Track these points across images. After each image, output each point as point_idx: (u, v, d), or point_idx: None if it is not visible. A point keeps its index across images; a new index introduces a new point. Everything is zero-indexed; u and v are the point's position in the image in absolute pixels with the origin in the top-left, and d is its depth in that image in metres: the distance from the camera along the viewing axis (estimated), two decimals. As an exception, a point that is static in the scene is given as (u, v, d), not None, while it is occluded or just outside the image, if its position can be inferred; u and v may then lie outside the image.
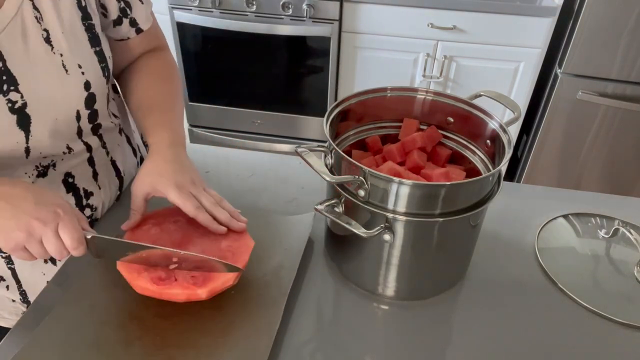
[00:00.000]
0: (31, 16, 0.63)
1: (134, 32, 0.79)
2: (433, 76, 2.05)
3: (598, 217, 0.86)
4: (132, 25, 0.78)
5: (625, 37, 1.76)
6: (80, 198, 0.77)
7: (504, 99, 0.77)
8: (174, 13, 2.05)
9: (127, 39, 0.80)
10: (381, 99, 0.77)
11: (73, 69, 0.68)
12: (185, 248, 0.67)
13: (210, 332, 0.63)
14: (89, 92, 0.71)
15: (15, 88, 0.62)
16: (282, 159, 1.00)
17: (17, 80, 0.62)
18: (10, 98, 0.62)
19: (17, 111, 0.63)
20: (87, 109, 0.72)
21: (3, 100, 0.62)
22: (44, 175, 0.71)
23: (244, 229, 0.69)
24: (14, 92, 0.62)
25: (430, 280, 0.72)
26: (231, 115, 2.33)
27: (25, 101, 0.64)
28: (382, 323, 0.70)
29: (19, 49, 0.62)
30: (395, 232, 0.63)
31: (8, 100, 0.62)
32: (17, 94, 0.63)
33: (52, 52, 0.65)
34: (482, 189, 0.64)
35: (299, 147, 0.65)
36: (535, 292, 0.74)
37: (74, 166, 0.75)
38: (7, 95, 0.62)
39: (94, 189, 0.79)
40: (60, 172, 0.73)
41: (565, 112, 1.97)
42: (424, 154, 0.74)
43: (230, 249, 0.67)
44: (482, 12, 1.86)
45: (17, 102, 0.63)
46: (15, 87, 0.62)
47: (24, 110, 0.64)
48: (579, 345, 0.66)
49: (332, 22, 1.96)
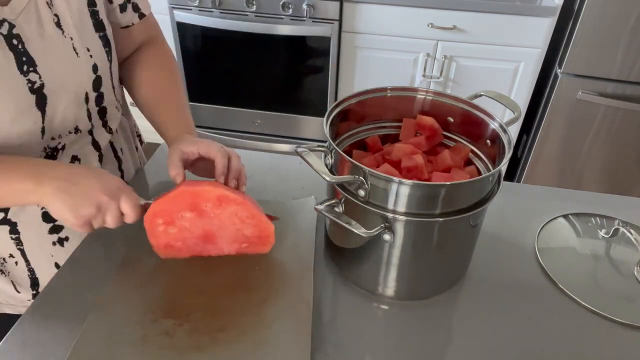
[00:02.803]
0: (43, 1, 0.66)
1: (137, 18, 0.83)
2: (433, 76, 2.05)
3: (598, 217, 0.86)
4: (135, 11, 0.82)
5: (625, 37, 1.76)
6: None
7: (504, 99, 0.78)
8: (174, 13, 2.05)
9: (131, 25, 0.83)
10: (381, 99, 0.77)
11: (82, 52, 0.71)
12: (212, 241, 0.72)
13: (247, 311, 0.67)
14: (96, 75, 0.74)
15: (34, 69, 0.65)
16: (282, 159, 1.00)
17: (35, 61, 0.65)
18: (30, 78, 0.65)
19: (36, 91, 0.66)
20: (95, 92, 0.75)
21: (24, 81, 0.64)
22: (53, 158, 0.73)
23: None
24: (33, 72, 0.65)
25: (430, 280, 0.72)
26: (231, 115, 2.33)
27: (43, 82, 0.66)
28: (382, 323, 0.70)
29: (34, 33, 0.65)
30: (395, 232, 0.63)
31: (28, 81, 0.65)
32: (36, 75, 0.65)
33: (64, 36, 0.68)
34: (482, 189, 0.64)
35: (299, 147, 0.65)
36: (535, 292, 0.73)
37: (80, 150, 0.77)
38: (27, 76, 0.64)
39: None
40: (68, 155, 0.76)
41: (565, 112, 1.96)
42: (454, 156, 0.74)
43: (255, 234, 0.72)
44: (482, 12, 1.86)
45: (36, 82, 0.66)
46: (34, 68, 0.65)
47: (41, 90, 0.66)
48: (579, 345, 0.66)
49: (332, 22, 1.96)
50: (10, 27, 0.62)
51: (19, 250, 0.78)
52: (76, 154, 0.77)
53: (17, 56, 0.63)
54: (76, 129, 0.74)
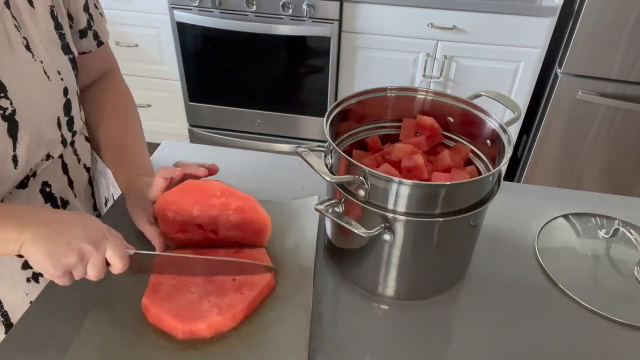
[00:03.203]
0: (11, 24, 0.63)
1: (95, 45, 0.81)
2: (433, 76, 2.05)
3: (598, 217, 0.86)
4: (95, 38, 0.80)
5: (625, 37, 1.76)
6: (57, 207, 0.77)
7: (504, 99, 0.77)
8: (174, 13, 2.05)
9: (88, 52, 0.81)
10: (381, 99, 0.77)
11: (53, 75, 0.68)
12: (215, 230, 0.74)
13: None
14: (66, 98, 0.72)
15: (4, 95, 0.62)
16: (282, 159, 1.00)
17: (6, 87, 0.62)
18: (1, 105, 0.61)
19: (7, 118, 0.63)
20: (66, 116, 0.72)
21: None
22: (24, 187, 0.70)
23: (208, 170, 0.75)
24: (4, 98, 0.62)
25: (430, 280, 0.72)
26: (231, 115, 2.33)
27: (15, 108, 0.63)
28: (382, 323, 0.70)
29: (5, 56, 0.62)
30: (395, 232, 0.63)
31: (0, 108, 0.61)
32: (7, 101, 0.62)
33: (34, 59, 0.66)
34: (482, 189, 0.64)
35: (299, 147, 0.65)
36: (535, 292, 0.74)
37: (50, 175, 0.74)
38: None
39: (69, 197, 0.79)
40: (38, 182, 0.73)
41: (565, 112, 1.97)
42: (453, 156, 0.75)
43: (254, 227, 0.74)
44: (482, 12, 1.86)
45: (7, 108, 0.62)
46: (4, 94, 0.62)
47: (13, 117, 0.63)
48: (579, 345, 0.66)
49: (332, 22, 1.96)
50: None
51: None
52: (47, 179, 0.74)
53: None
54: (48, 155, 0.71)
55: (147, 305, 0.65)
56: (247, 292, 0.66)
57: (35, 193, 0.73)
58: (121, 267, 0.60)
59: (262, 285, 0.67)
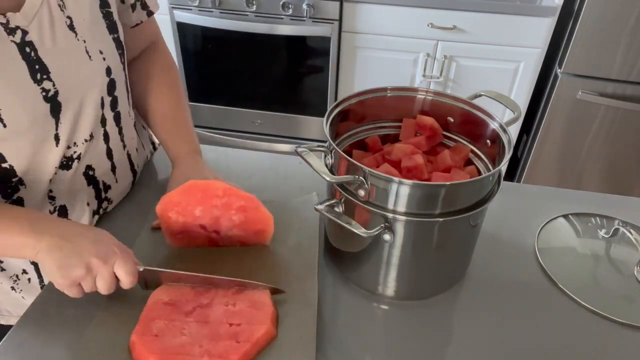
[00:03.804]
0: (56, 4, 0.64)
1: (145, 16, 0.82)
2: (433, 76, 2.05)
3: (598, 217, 0.86)
4: (143, 9, 0.81)
5: (625, 37, 1.76)
6: (99, 191, 0.79)
7: (504, 99, 0.77)
8: (174, 13, 2.05)
9: (140, 23, 0.82)
10: (381, 99, 0.77)
11: (95, 55, 0.69)
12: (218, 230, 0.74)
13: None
14: (110, 78, 0.73)
15: (47, 76, 0.64)
16: (282, 159, 1.00)
17: (48, 68, 0.63)
18: (44, 87, 0.63)
19: (50, 99, 0.65)
20: (109, 96, 0.74)
21: (38, 89, 0.63)
22: (68, 168, 0.72)
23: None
24: (47, 80, 0.64)
25: (430, 280, 0.72)
26: (231, 115, 2.33)
27: (57, 89, 0.65)
28: (382, 323, 0.70)
29: (47, 38, 0.63)
30: (395, 232, 0.63)
31: (42, 89, 0.63)
32: (50, 82, 0.64)
33: (77, 39, 0.67)
34: (482, 189, 0.64)
35: (299, 147, 0.65)
36: (535, 292, 0.73)
37: (94, 159, 0.76)
38: (42, 84, 0.63)
39: (111, 182, 0.81)
40: (82, 165, 0.75)
41: (565, 112, 1.97)
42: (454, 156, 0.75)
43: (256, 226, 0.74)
44: (482, 12, 1.86)
45: (50, 90, 0.64)
46: (47, 75, 0.64)
47: (56, 98, 0.65)
48: (579, 345, 0.66)
49: (332, 22, 1.96)
50: (24, 34, 0.61)
51: (32, 264, 0.77)
52: (90, 163, 0.75)
53: (29, 65, 0.62)
54: (91, 135, 0.73)
55: (134, 342, 0.61)
56: (243, 341, 0.60)
57: (79, 175, 0.75)
58: (129, 283, 0.62)
59: (260, 334, 0.61)
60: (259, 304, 0.65)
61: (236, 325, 0.63)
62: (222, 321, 0.63)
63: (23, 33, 0.61)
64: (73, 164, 0.73)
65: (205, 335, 0.62)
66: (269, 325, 0.62)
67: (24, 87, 0.62)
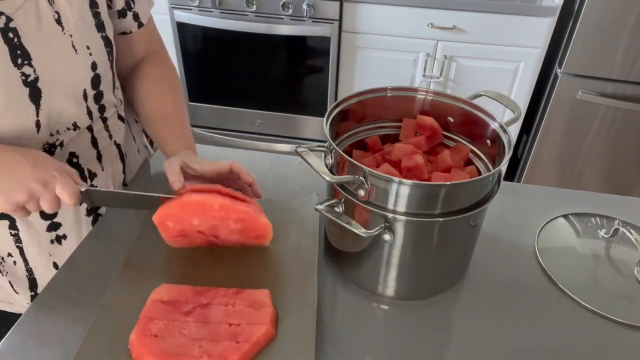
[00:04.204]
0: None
1: (135, 27, 0.84)
2: (433, 76, 2.05)
3: (598, 217, 0.86)
4: (135, 20, 0.83)
5: (625, 37, 1.76)
6: (84, 179, 0.80)
7: (504, 99, 0.77)
8: (174, 13, 2.05)
9: (129, 32, 0.84)
10: (381, 99, 0.77)
11: (81, 49, 0.72)
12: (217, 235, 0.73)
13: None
14: (95, 73, 0.75)
15: (28, 62, 0.66)
16: (282, 159, 1.00)
17: (30, 55, 0.66)
18: (24, 71, 0.66)
19: (29, 84, 0.67)
20: (93, 89, 0.76)
21: (17, 73, 0.65)
22: (51, 154, 0.74)
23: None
24: (27, 66, 0.66)
25: (430, 280, 0.72)
26: (231, 115, 2.33)
27: (38, 75, 0.67)
28: (382, 323, 0.70)
29: (32, 27, 0.66)
30: (395, 232, 0.63)
31: (22, 74, 0.66)
32: (30, 68, 0.66)
33: (63, 33, 0.69)
34: (482, 189, 0.64)
35: (299, 147, 0.65)
36: (535, 292, 0.73)
37: (79, 147, 0.78)
38: (22, 69, 0.66)
39: (97, 170, 0.82)
40: (65, 152, 0.76)
41: (565, 112, 1.97)
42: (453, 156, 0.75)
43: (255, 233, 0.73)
44: (482, 12, 1.86)
45: (30, 75, 0.67)
46: (28, 61, 0.66)
47: (35, 84, 0.68)
48: (579, 345, 0.66)
49: (332, 22, 1.96)
50: (8, 20, 0.63)
51: (18, 248, 0.78)
52: (74, 150, 0.77)
53: (11, 49, 0.64)
54: (74, 125, 0.75)
55: (133, 341, 0.61)
56: (243, 342, 0.60)
57: (63, 162, 0.75)
58: (71, 203, 0.64)
59: (259, 334, 0.61)
60: (258, 304, 0.65)
61: (236, 326, 0.63)
62: (222, 321, 0.63)
63: (7, 19, 0.63)
64: (56, 151, 0.74)
65: (204, 335, 0.61)
66: (269, 326, 0.62)
67: (3, 69, 0.64)
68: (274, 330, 0.63)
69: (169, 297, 0.66)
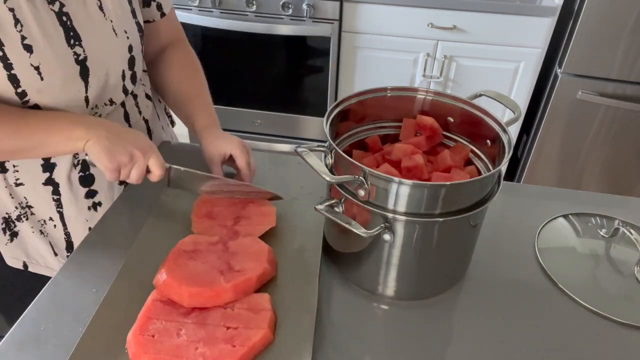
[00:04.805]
0: None
1: (159, 16, 0.94)
2: (433, 76, 2.05)
3: (598, 217, 0.86)
4: (158, 9, 0.93)
5: (625, 37, 1.76)
6: None
7: (504, 99, 0.78)
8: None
9: (152, 21, 0.94)
10: (381, 99, 0.77)
11: (121, 33, 0.82)
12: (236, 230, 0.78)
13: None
14: (131, 55, 0.85)
15: (79, 43, 0.75)
16: (282, 158, 1.00)
17: (80, 37, 0.75)
18: (75, 51, 0.75)
19: (80, 63, 0.76)
20: (130, 70, 0.86)
21: (70, 52, 0.74)
22: None
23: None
24: (78, 46, 0.75)
25: (430, 280, 0.72)
26: (231, 115, 2.33)
27: (86, 55, 0.76)
28: (382, 323, 0.70)
29: (80, 13, 0.75)
30: (395, 232, 0.63)
31: (74, 53, 0.75)
32: (81, 49, 0.75)
33: (105, 19, 0.79)
34: (482, 189, 0.64)
35: (299, 147, 0.65)
36: (535, 292, 0.74)
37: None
38: (74, 49, 0.75)
39: None
40: None
41: (565, 112, 1.96)
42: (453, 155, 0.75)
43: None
44: (482, 12, 1.86)
45: (80, 55, 0.76)
46: (79, 42, 0.75)
47: (85, 63, 0.76)
48: (579, 345, 0.66)
49: (332, 22, 1.96)
50: (61, 5, 0.72)
51: (59, 213, 0.87)
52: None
53: (65, 31, 0.73)
54: (111, 100, 0.84)
55: (130, 341, 0.61)
56: (239, 345, 0.60)
57: None
58: (159, 175, 0.75)
59: (256, 339, 0.61)
60: (257, 308, 0.65)
61: (233, 329, 0.62)
62: (220, 324, 0.63)
63: (61, 5, 0.72)
64: None
65: (201, 337, 0.61)
66: (266, 330, 0.62)
67: (60, 48, 0.73)
68: (272, 335, 0.63)
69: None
